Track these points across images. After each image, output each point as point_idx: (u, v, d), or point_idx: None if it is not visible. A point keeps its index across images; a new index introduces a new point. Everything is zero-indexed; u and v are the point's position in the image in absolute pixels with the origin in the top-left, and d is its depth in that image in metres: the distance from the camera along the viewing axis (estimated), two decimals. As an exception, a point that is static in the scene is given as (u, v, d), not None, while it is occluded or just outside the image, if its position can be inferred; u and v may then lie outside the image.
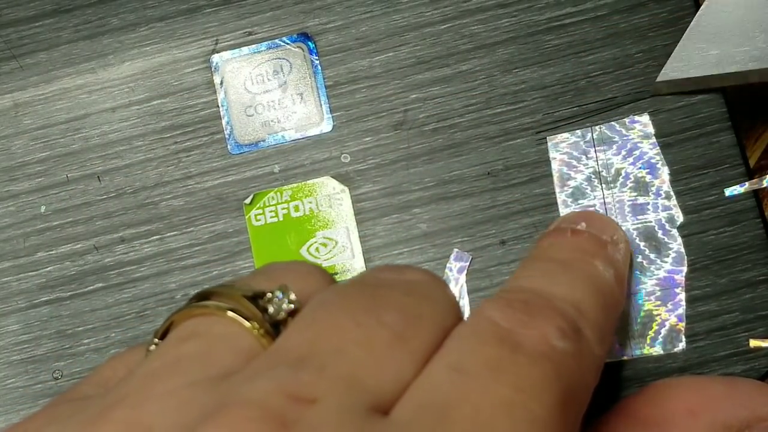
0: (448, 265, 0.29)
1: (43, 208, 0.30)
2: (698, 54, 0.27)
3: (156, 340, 0.21)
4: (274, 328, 0.19)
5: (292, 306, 0.20)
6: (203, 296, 0.20)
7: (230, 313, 0.20)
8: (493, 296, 0.21)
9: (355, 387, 0.18)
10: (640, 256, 0.28)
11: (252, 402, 0.17)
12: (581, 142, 0.29)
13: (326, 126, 0.30)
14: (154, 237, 0.30)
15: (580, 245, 0.25)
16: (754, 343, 0.28)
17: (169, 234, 0.30)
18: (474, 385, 0.18)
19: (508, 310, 0.20)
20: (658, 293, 0.28)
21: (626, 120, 0.29)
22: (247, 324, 0.19)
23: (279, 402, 0.17)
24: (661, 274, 0.28)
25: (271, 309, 0.20)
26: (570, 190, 0.29)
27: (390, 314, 0.19)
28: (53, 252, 0.30)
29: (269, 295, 0.20)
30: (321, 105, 0.30)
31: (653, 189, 0.29)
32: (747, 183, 0.28)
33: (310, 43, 0.30)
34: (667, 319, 0.28)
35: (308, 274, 0.22)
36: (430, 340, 0.19)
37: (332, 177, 0.29)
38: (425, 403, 0.18)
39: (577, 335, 0.21)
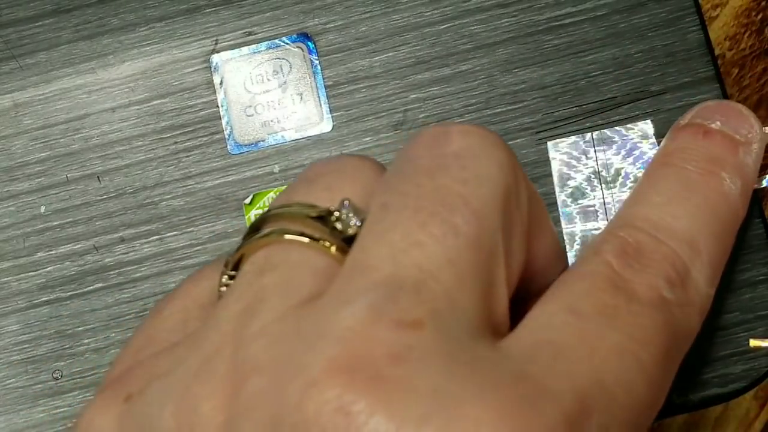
0: (447, 265, 0.29)
1: (43, 208, 0.30)
2: None
3: (230, 272, 0.20)
4: (346, 243, 0.19)
5: (359, 220, 0.19)
6: (265, 221, 0.20)
7: (301, 238, 0.19)
8: (611, 230, 0.22)
9: (454, 308, 0.17)
10: (639, 256, 0.28)
11: (356, 335, 0.16)
12: (581, 142, 0.29)
13: (326, 126, 0.30)
14: (154, 237, 0.30)
15: (710, 152, 0.25)
16: (753, 342, 0.28)
17: (169, 234, 0.30)
18: (590, 329, 0.19)
19: (622, 254, 0.21)
20: (658, 293, 0.28)
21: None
22: (320, 245, 0.19)
23: (384, 332, 0.16)
24: (661, 274, 0.28)
25: (339, 226, 0.19)
26: (570, 190, 0.29)
27: (458, 217, 0.18)
28: (53, 252, 0.30)
29: (336, 214, 0.19)
30: (321, 105, 0.30)
31: (653, 189, 0.29)
32: (747, 183, 0.28)
33: (310, 43, 0.30)
34: (667, 319, 0.28)
35: (359, 172, 0.21)
36: (499, 227, 0.19)
37: (332, 177, 0.29)
38: (541, 340, 0.18)
39: (686, 282, 0.22)
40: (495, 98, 0.29)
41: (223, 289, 0.20)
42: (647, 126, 0.29)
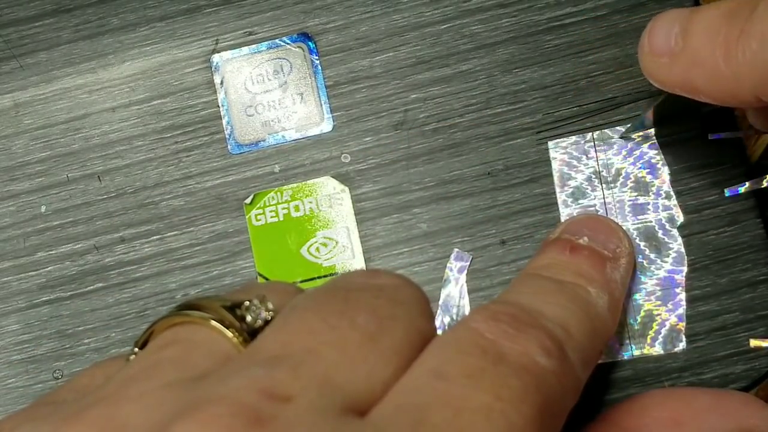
0: (448, 265, 0.29)
1: (43, 208, 0.30)
2: None
3: (136, 349, 0.21)
4: (252, 335, 0.20)
5: (269, 315, 0.20)
6: (183, 307, 0.21)
7: (211, 322, 0.20)
8: (480, 307, 0.22)
9: (329, 386, 0.18)
10: (640, 256, 0.28)
11: (225, 398, 0.17)
12: (582, 142, 0.29)
13: (326, 126, 0.30)
14: (154, 237, 0.30)
15: (577, 268, 0.25)
16: (754, 342, 0.28)
17: (169, 234, 0.30)
18: (455, 391, 0.19)
19: (492, 322, 0.20)
20: (659, 293, 0.28)
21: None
22: (225, 331, 0.20)
23: (253, 398, 0.17)
24: (662, 274, 0.28)
25: (248, 317, 0.20)
26: (570, 190, 0.29)
27: (361, 316, 0.19)
28: (53, 252, 0.30)
29: (247, 303, 0.20)
30: (321, 105, 0.30)
31: (653, 189, 0.29)
32: (747, 183, 0.28)
33: (310, 43, 0.30)
34: (668, 319, 0.28)
35: (285, 290, 0.22)
36: (403, 341, 0.20)
37: (332, 177, 0.30)
38: (404, 405, 0.18)
39: (561, 355, 0.21)
40: (495, 98, 0.29)
41: (132, 357, 0.21)
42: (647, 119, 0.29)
